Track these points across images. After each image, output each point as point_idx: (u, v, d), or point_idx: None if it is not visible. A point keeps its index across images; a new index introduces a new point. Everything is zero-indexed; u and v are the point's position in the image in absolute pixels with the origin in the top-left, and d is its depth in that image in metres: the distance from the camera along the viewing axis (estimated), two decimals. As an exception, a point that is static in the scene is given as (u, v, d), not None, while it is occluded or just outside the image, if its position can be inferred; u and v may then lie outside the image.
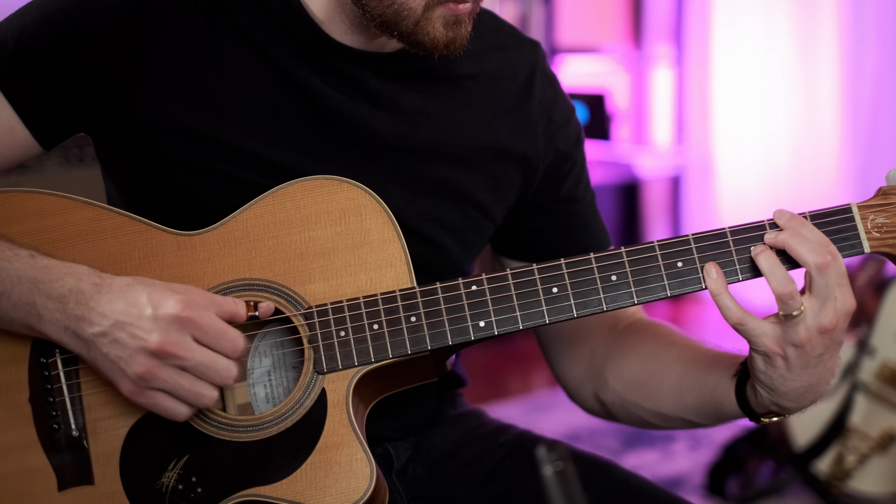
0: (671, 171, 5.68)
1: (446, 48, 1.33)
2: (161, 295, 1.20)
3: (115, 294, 1.20)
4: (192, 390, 1.20)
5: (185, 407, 1.22)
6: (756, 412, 1.34)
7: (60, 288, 1.21)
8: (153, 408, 1.22)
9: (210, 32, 1.36)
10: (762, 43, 5.27)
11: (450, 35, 1.31)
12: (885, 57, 4.85)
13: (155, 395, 1.21)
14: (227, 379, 1.21)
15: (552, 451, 0.91)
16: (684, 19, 5.62)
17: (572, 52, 5.33)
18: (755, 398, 1.33)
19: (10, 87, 1.34)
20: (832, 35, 5.02)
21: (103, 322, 1.19)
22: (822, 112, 5.08)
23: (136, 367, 1.19)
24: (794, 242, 1.24)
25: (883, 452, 2.98)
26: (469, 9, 1.32)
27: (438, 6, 1.29)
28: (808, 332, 1.24)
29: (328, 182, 1.31)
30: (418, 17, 1.29)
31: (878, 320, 3.03)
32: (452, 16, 1.30)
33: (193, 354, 1.19)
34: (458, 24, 1.32)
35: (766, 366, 1.27)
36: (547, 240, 1.54)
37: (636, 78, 5.81)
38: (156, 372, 1.19)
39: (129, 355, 1.19)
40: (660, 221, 5.82)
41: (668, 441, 3.65)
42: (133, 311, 1.19)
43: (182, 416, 1.22)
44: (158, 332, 1.18)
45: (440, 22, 1.30)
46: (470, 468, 1.51)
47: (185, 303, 1.19)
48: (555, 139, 1.50)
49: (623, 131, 5.63)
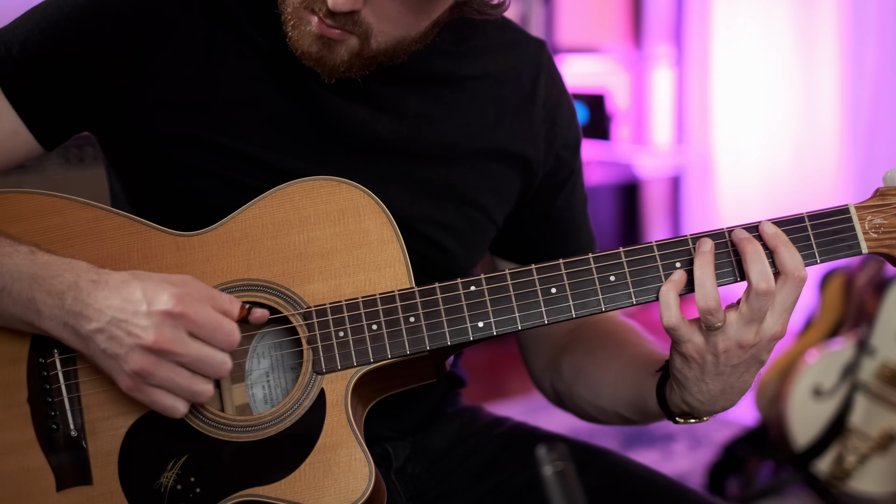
0: (671, 171, 5.68)
1: (312, 62, 1.30)
2: (155, 290, 1.20)
3: (111, 290, 1.20)
4: (188, 387, 1.21)
5: (182, 403, 1.22)
6: (672, 411, 1.37)
7: (59, 284, 1.22)
8: (151, 404, 1.22)
9: (212, 38, 1.36)
10: (762, 43, 5.27)
11: (314, 50, 1.28)
12: (885, 57, 4.85)
13: (152, 391, 1.21)
14: (223, 372, 1.22)
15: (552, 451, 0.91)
16: (684, 19, 5.62)
17: (572, 52, 5.33)
18: (671, 397, 1.35)
19: (15, 90, 1.34)
20: (832, 35, 5.02)
21: (100, 318, 1.20)
22: (822, 112, 5.08)
23: (133, 363, 1.19)
24: (750, 258, 1.25)
25: (883, 452, 2.98)
26: (332, 34, 1.26)
27: (305, 10, 1.27)
28: (726, 344, 1.26)
29: (327, 183, 1.31)
30: (293, 15, 1.27)
31: (878, 320, 3.03)
32: (318, 33, 1.27)
33: (189, 350, 1.19)
34: (328, 46, 1.28)
35: (682, 366, 1.29)
36: (536, 244, 1.55)
37: (636, 78, 5.81)
38: (152, 369, 1.19)
39: (125, 352, 1.19)
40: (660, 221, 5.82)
41: (668, 441, 3.65)
42: (128, 308, 1.19)
43: (179, 412, 1.22)
44: (153, 329, 1.18)
45: (311, 35, 1.28)
46: (466, 462, 1.52)
47: (178, 297, 1.19)
48: (556, 144, 1.50)
49: (623, 131, 5.63)
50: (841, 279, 3.24)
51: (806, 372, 3.05)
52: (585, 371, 1.50)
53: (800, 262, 1.25)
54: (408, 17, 1.28)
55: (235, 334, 1.22)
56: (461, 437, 1.54)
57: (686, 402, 1.33)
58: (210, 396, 1.22)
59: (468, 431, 1.55)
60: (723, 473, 3.23)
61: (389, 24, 1.27)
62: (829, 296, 3.26)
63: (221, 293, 1.24)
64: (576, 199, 1.56)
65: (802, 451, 3.01)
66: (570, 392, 1.53)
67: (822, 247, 1.28)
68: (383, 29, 1.27)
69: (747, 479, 3.20)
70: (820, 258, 1.28)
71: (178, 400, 1.22)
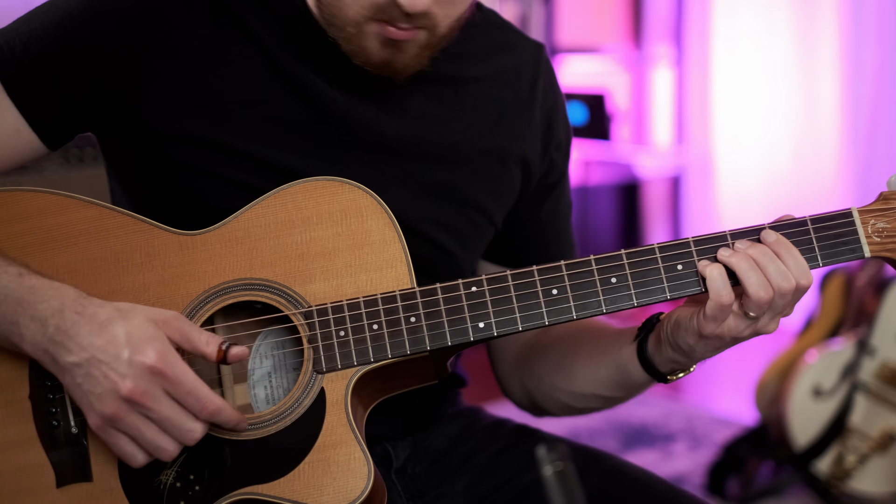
0: (671, 171, 5.68)
1: (381, 68, 1.32)
2: (139, 336, 1.19)
3: (95, 327, 1.20)
4: (152, 441, 1.20)
5: (142, 455, 1.22)
6: (661, 371, 1.38)
7: (44, 310, 1.21)
8: (113, 447, 1.22)
9: (216, 36, 1.36)
10: (762, 43, 5.28)
11: (384, 55, 1.31)
12: (885, 57, 4.85)
13: (117, 435, 1.21)
14: (190, 440, 1.21)
15: (552, 451, 0.91)
16: (684, 19, 5.62)
17: (572, 52, 5.33)
18: (656, 359, 1.37)
19: (18, 90, 1.34)
20: (832, 35, 5.02)
21: (81, 354, 1.19)
22: (822, 112, 5.08)
23: (105, 407, 1.19)
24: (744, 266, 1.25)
25: (883, 452, 2.98)
26: (405, 36, 1.29)
27: (372, 22, 1.29)
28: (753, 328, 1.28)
29: (330, 183, 1.31)
30: (353, 25, 1.29)
31: (878, 320, 3.03)
32: (388, 38, 1.29)
33: (161, 408, 1.19)
34: (397, 48, 1.31)
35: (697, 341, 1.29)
36: (518, 247, 1.55)
37: (636, 78, 5.81)
38: (122, 416, 1.19)
39: (100, 393, 1.19)
40: (660, 222, 5.82)
41: (668, 441, 3.66)
42: (110, 351, 1.19)
43: (138, 462, 1.22)
44: (131, 379, 1.18)
45: (376, 40, 1.30)
46: (467, 463, 1.52)
47: (161, 354, 1.19)
48: (551, 146, 1.51)
49: (623, 131, 5.63)
50: (841, 279, 3.24)
51: (806, 372, 3.05)
52: (557, 360, 1.50)
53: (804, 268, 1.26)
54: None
55: (210, 403, 1.20)
56: (462, 438, 1.54)
57: (675, 361, 1.35)
58: (172, 457, 1.22)
59: (469, 432, 1.55)
60: (723, 473, 3.23)
61: (451, 6, 1.30)
62: (829, 296, 3.26)
63: (201, 333, 1.22)
64: (563, 203, 1.57)
65: (802, 451, 3.01)
66: (544, 385, 1.52)
67: (824, 250, 1.28)
68: (448, 13, 1.30)
69: (747, 479, 3.20)
70: (822, 262, 1.28)
71: (139, 450, 1.21)
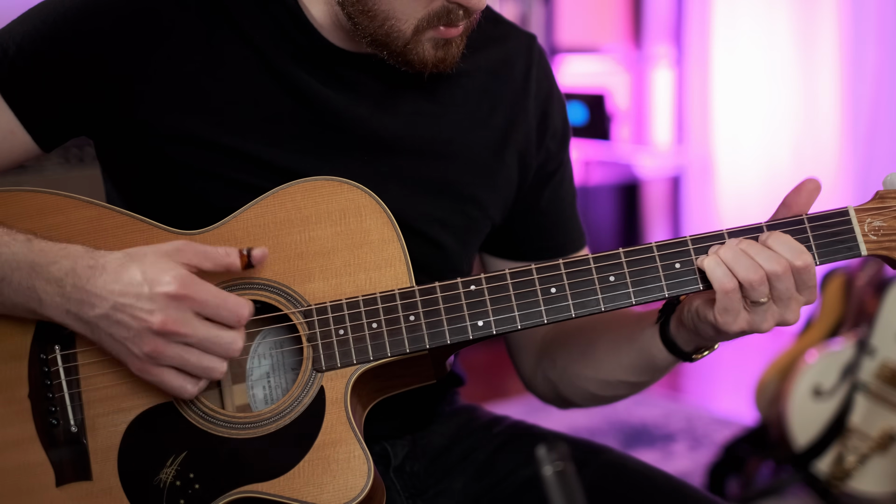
0: (671, 171, 5.68)
1: (435, 67, 1.34)
2: (154, 270, 1.20)
3: (109, 274, 1.21)
4: (199, 365, 1.21)
5: (191, 383, 1.23)
6: (685, 351, 1.38)
7: (57, 271, 1.22)
8: (160, 384, 1.23)
9: (210, 37, 1.36)
10: (762, 43, 5.27)
11: (439, 55, 1.33)
12: (885, 57, 4.85)
13: (163, 371, 1.22)
14: (233, 351, 1.22)
15: (552, 450, 0.91)
16: (684, 19, 5.62)
17: (572, 52, 5.33)
18: (679, 340, 1.37)
19: (11, 91, 1.35)
20: (832, 35, 5.02)
21: (103, 304, 1.20)
22: (822, 112, 5.08)
23: (144, 346, 1.20)
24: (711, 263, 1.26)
25: (883, 452, 2.98)
26: (460, 31, 1.33)
27: (429, 30, 1.30)
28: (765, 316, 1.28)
29: (328, 183, 1.31)
30: (407, 39, 1.31)
31: (878, 320, 3.03)
32: (442, 38, 1.32)
33: (196, 331, 1.20)
34: (449, 45, 1.33)
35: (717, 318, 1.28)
36: (522, 238, 1.55)
37: (636, 78, 5.81)
38: (162, 350, 1.20)
39: (133, 335, 1.20)
40: (660, 221, 5.82)
41: (668, 441, 3.66)
42: (131, 291, 1.19)
43: (188, 393, 1.23)
44: (159, 312, 1.19)
45: (430, 44, 1.32)
46: (465, 460, 1.52)
47: (178, 279, 1.20)
48: (545, 136, 1.51)
49: (623, 131, 5.63)
50: (841, 279, 3.24)
51: (806, 372, 3.05)
52: (580, 349, 1.50)
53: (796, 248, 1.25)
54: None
55: (243, 309, 1.22)
56: (460, 436, 1.54)
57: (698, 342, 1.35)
58: (223, 373, 1.23)
59: (467, 430, 1.55)
60: (723, 473, 3.23)
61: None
62: (829, 296, 3.26)
63: (217, 248, 1.24)
64: (564, 191, 1.56)
65: (802, 451, 3.01)
66: (568, 375, 1.52)
67: (821, 248, 1.28)
68: (481, 2, 1.31)
69: (747, 479, 3.20)
70: (819, 260, 1.28)
71: (187, 380, 1.22)
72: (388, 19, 1.29)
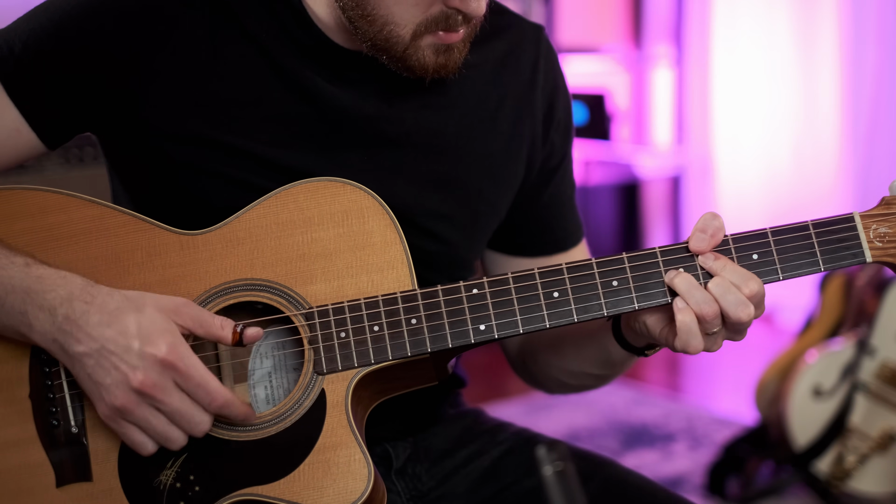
0: (671, 171, 5.68)
1: (436, 73, 1.34)
2: (150, 328, 1.20)
3: (104, 316, 1.20)
4: (161, 432, 1.21)
5: (151, 444, 1.23)
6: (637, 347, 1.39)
7: (52, 300, 1.22)
8: (122, 436, 1.23)
9: (215, 35, 1.36)
10: (762, 43, 5.28)
11: (440, 61, 1.33)
12: (885, 57, 4.85)
13: (127, 426, 1.22)
14: (198, 432, 1.22)
15: (552, 451, 0.91)
16: (684, 19, 5.62)
17: (572, 52, 5.33)
18: (633, 336, 1.37)
19: (17, 89, 1.34)
20: (832, 35, 5.02)
21: (90, 344, 1.20)
22: (822, 112, 5.08)
23: (116, 398, 1.20)
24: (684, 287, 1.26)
25: (883, 452, 2.98)
26: (461, 36, 1.32)
27: (427, 35, 1.30)
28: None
29: (331, 184, 1.31)
30: (406, 44, 1.30)
31: (878, 320, 3.03)
32: (443, 44, 1.31)
33: (171, 400, 1.20)
34: (450, 50, 1.33)
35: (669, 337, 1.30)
36: (521, 231, 1.55)
37: (636, 78, 5.81)
38: (132, 408, 1.20)
39: (111, 384, 1.20)
40: (660, 222, 5.82)
41: (668, 441, 3.66)
42: (121, 342, 1.19)
43: (147, 451, 1.23)
44: (142, 371, 1.19)
45: (430, 49, 1.31)
46: (468, 466, 1.52)
47: (172, 346, 1.19)
48: (550, 129, 1.51)
49: (623, 131, 5.63)
50: (841, 279, 3.24)
51: (806, 372, 3.05)
52: (551, 340, 1.53)
53: (745, 275, 1.26)
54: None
55: (218, 396, 1.21)
56: (463, 440, 1.54)
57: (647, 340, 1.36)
58: (181, 446, 1.23)
59: (471, 435, 1.55)
60: (723, 473, 3.23)
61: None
62: (829, 296, 3.26)
63: (213, 318, 1.23)
64: (565, 185, 1.56)
65: (802, 451, 3.01)
66: (541, 364, 1.55)
67: (826, 255, 1.28)
68: (481, 4, 1.31)
69: (747, 479, 3.20)
70: (824, 266, 1.28)
71: (148, 440, 1.23)
72: (387, 24, 1.29)
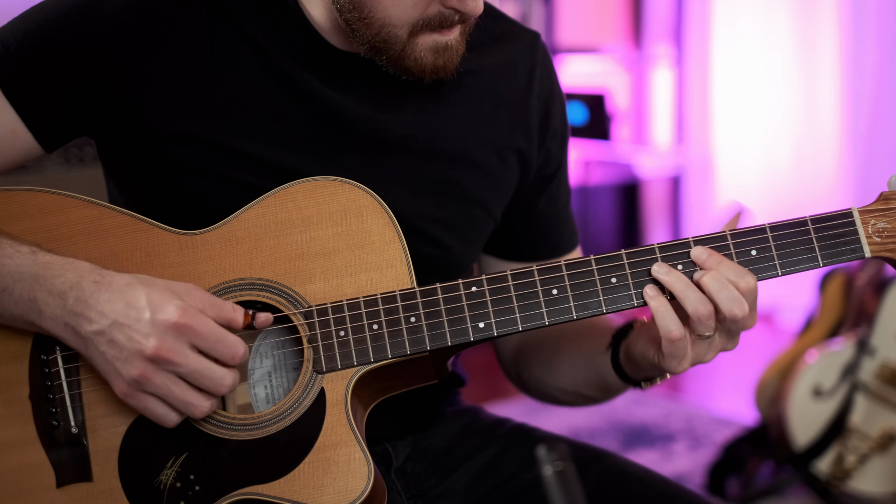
0: (671, 171, 5.68)
1: (434, 73, 1.34)
2: (160, 298, 1.20)
3: (114, 293, 1.20)
4: (182, 399, 1.21)
5: (174, 414, 1.22)
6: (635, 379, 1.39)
7: (61, 284, 1.22)
8: (143, 411, 1.23)
9: (212, 37, 1.36)
10: (762, 43, 5.28)
11: (438, 62, 1.33)
12: (885, 57, 4.85)
13: (147, 398, 1.21)
14: (222, 388, 1.22)
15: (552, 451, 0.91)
16: (684, 19, 5.62)
17: (572, 52, 5.33)
18: (631, 367, 1.37)
19: (13, 90, 1.34)
20: (832, 35, 5.02)
21: (102, 321, 1.20)
22: (822, 112, 5.08)
23: (132, 369, 1.19)
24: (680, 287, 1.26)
25: (883, 452, 2.98)
26: (457, 33, 1.32)
27: (422, 33, 1.30)
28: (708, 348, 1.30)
29: (330, 183, 1.31)
30: (403, 43, 1.31)
31: (878, 320, 3.03)
32: (440, 42, 1.31)
33: (188, 361, 1.20)
34: (447, 50, 1.33)
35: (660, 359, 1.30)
36: (516, 238, 1.55)
37: (636, 78, 5.81)
38: (150, 377, 1.19)
39: (125, 357, 1.19)
40: (660, 221, 5.82)
41: (668, 441, 3.66)
42: (132, 314, 1.19)
43: (171, 422, 1.23)
44: (155, 338, 1.18)
45: (428, 50, 1.32)
46: (467, 463, 1.52)
47: (183, 309, 1.19)
48: (546, 136, 1.51)
49: (623, 131, 5.63)
50: (841, 279, 3.24)
51: (806, 372, 3.05)
52: (545, 357, 1.53)
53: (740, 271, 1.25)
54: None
55: (239, 347, 1.22)
56: (462, 437, 1.54)
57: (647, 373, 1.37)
58: (205, 411, 1.22)
59: (469, 431, 1.55)
60: (723, 473, 3.23)
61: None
62: (829, 296, 3.26)
63: (224, 302, 1.24)
64: (561, 192, 1.57)
65: (802, 451, 3.01)
66: (534, 378, 1.56)
67: (824, 250, 1.28)
68: (479, 4, 1.31)
69: (747, 479, 3.20)
70: (822, 262, 1.28)
71: (170, 410, 1.22)
72: (384, 26, 1.29)
